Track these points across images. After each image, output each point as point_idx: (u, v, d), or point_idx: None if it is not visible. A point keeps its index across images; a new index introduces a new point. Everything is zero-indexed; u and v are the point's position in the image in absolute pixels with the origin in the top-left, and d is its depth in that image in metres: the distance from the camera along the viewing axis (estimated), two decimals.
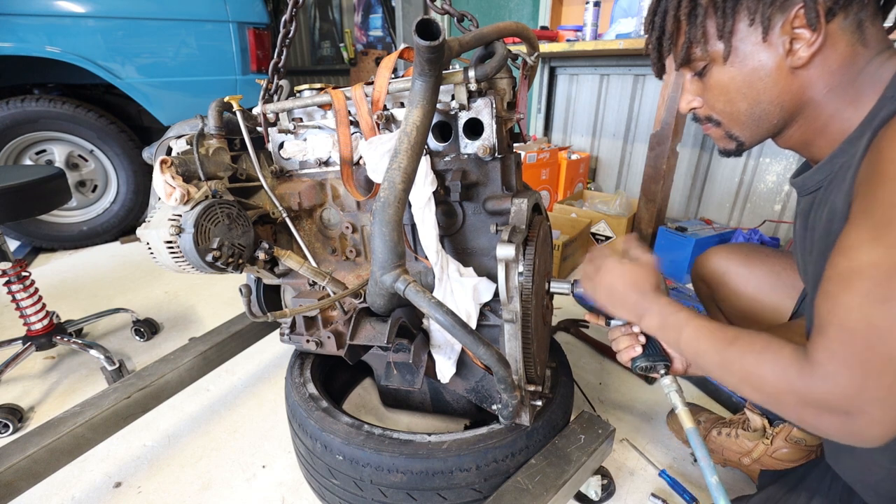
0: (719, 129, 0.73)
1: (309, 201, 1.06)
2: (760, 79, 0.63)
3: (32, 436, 1.01)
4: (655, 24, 0.70)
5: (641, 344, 0.85)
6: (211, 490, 1.16)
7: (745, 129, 0.70)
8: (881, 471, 0.66)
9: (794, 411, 0.56)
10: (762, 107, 0.66)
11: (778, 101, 0.65)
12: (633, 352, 0.85)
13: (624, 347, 0.86)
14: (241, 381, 1.56)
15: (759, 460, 1.08)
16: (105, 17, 2.39)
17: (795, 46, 0.59)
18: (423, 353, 0.95)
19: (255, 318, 0.78)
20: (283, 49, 1.05)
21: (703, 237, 2.14)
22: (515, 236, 0.82)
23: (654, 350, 0.85)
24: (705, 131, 0.76)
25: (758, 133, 0.70)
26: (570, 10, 3.00)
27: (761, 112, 0.67)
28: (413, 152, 0.73)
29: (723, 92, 0.67)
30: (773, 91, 0.64)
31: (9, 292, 1.46)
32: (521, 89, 0.98)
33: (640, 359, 0.84)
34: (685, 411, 0.78)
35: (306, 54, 5.63)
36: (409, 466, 0.90)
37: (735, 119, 0.69)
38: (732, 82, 0.66)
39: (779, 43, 0.60)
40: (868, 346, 0.50)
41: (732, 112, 0.69)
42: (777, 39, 0.60)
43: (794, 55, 0.60)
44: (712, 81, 0.68)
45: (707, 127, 0.75)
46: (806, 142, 0.69)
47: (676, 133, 2.16)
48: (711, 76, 0.67)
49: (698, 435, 0.76)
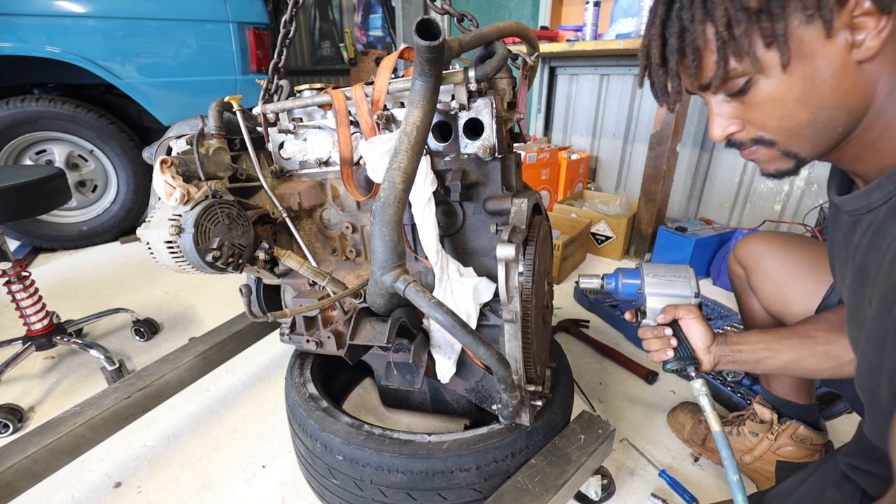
0: (772, 149, 0.62)
1: (309, 201, 1.06)
2: (823, 81, 0.54)
3: (32, 436, 1.01)
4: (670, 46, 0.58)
5: (673, 347, 0.86)
6: (211, 490, 1.16)
7: (807, 143, 0.60)
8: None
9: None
10: (827, 113, 0.56)
11: (845, 103, 0.56)
12: (665, 354, 0.86)
13: (655, 350, 0.87)
14: (241, 381, 1.56)
15: (761, 457, 1.08)
16: (105, 17, 2.39)
17: (858, 37, 0.51)
18: (423, 353, 0.95)
19: (255, 318, 0.78)
20: (283, 49, 1.05)
21: (703, 237, 2.14)
22: (515, 236, 0.82)
23: (685, 352, 0.86)
24: (749, 157, 0.65)
25: (821, 144, 0.60)
26: (570, 10, 3.00)
27: (826, 119, 0.57)
28: (413, 152, 0.73)
29: (778, 106, 0.57)
30: (840, 93, 0.55)
31: (9, 292, 1.46)
32: (521, 89, 0.98)
33: (672, 361, 0.86)
34: (714, 415, 0.80)
35: (306, 54, 5.63)
36: (409, 466, 0.90)
37: (795, 134, 0.59)
38: (790, 92, 0.55)
39: (841, 37, 0.52)
40: None
41: (791, 127, 0.58)
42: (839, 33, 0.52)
43: (860, 47, 0.52)
44: (761, 97, 0.57)
45: (752, 151, 0.63)
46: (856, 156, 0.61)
47: (676, 133, 2.16)
48: (759, 91, 0.57)
49: (725, 437, 0.77)
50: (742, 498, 0.73)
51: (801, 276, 0.96)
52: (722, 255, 2.15)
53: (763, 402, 1.10)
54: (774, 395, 1.08)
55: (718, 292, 2.11)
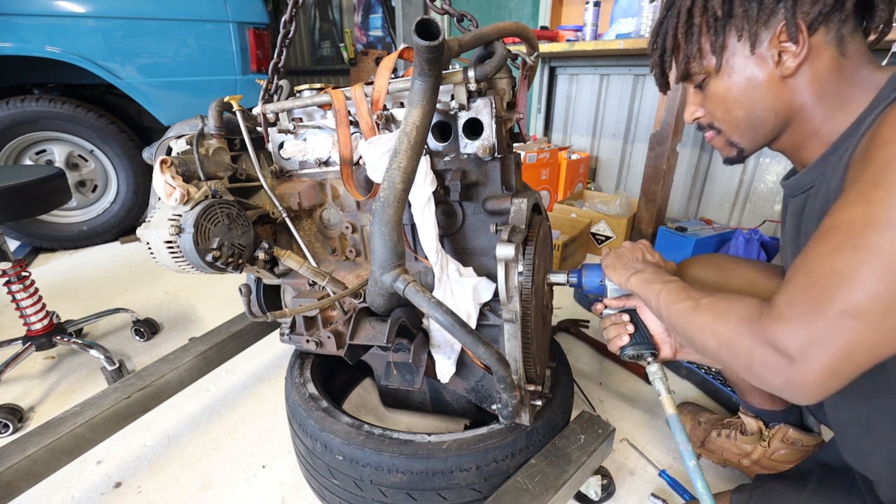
0: (720, 136, 0.78)
1: (309, 201, 1.06)
2: (754, 88, 0.69)
3: (32, 436, 1.01)
4: (657, 44, 0.77)
5: (629, 333, 0.88)
6: (211, 490, 1.16)
7: (745, 136, 0.75)
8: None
9: (745, 357, 0.57)
10: (758, 114, 0.71)
11: (772, 107, 0.70)
12: (621, 340, 0.88)
13: (613, 336, 0.89)
14: (241, 381, 1.56)
15: (758, 462, 1.08)
16: (105, 17, 2.39)
17: (783, 58, 0.65)
18: (423, 352, 0.95)
19: (255, 318, 0.78)
20: (283, 49, 1.05)
21: (703, 237, 2.14)
22: (515, 236, 0.82)
23: (641, 338, 0.87)
24: (708, 140, 0.80)
25: (756, 139, 0.75)
26: (570, 10, 3.00)
27: (757, 119, 0.72)
28: (413, 152, 0.73)
29: (721, 101, 0.73)
30: (767, 99, 0.69)
31: (9, 292, 1.46)
32: (521, 89, 0.98)
33: (628, 347, 0.88)
34: (668, 398, 0.82)
35: (306, 54, 5.63)
36: (409, 466, 0.90)
37: (734, 126, 0.74)
38: (729, 92, 0.71)
39: (768, 55, 0.66)
40: (827, 292, 0.50)
41: (731, 120, 0.74)
42: (766, 52, 0.66)
43: (782, 65, 0.66)
44: (711, 92, 0.73)
45: (710, 135, 0.79)
46: (798, 146, 0.74)
47: (676, 133, 2.16)
48: (710, 88, 0.73)
49: (679, 421, 0.80)
50: (701, 483, 0.75)
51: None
52: None
53: (746, 412, 1.11)
54: (753, 406, 1.09)
55: None
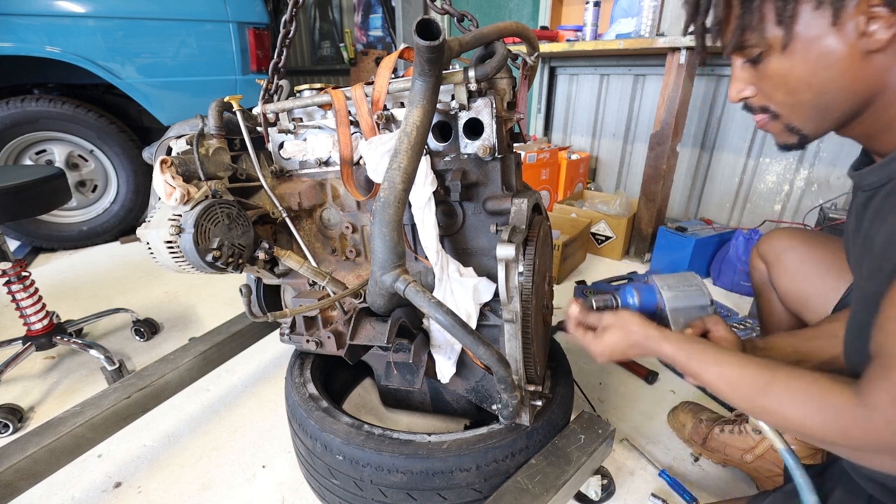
0: (777, 122, 0.65)
1: (309, 201, 1.06)
2: (828, 66, 0.56)
3: (32, 436, 1.01)
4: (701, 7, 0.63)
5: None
6: (211, 490, 1.16)
7: (809, 122, 0.63)
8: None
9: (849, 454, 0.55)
10: (829, 97, 0.59)
11: (850, 89, 0.57)
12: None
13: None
14: (241, 381, 1.56)
15: (762, 456, 1.08)
16: (105, 17, 2.39)
17: (871, 28, 0.52)
18: (423, 353, 0.95)
19: (255, 318, 0.78)
20: (283, 49, 1.04)
21: (703, 237, 2.14)
22: (515, 236, 0.82)
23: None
24: (759, 125, 0.68)
25: (823, 125, 0.63)
26: (570, 10, 3.00)
27: (828, 102, 0.59)
28: (413, 152, 0.73)
29: (783, 82, 0.60)
30: (844, 79, 0.57)
31: (9, 292, 1.46)
32: (521, 89, 0.98)
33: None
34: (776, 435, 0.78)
35: (306, 54, 5.63)
36: (409, 466, 0.90)
37: (797, 111, 0.62)
38: (794, 71, 0.58)
39: (851, 25, 0.53)
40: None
41: (794, 104, 0.61)
42: (849, 21, 0.53)
43: (870, 37, 0.53)
44: (770, 71, 0.60)
45: (762, 119, 0.67)
46: (873, 134, 0.62)
47: (676, 133, 2.16)
48: (769, 65, 0.60)
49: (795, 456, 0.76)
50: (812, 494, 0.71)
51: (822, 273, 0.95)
52: (722, 255, 2.15)
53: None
54: None
55: (719, 292, 2.11)
